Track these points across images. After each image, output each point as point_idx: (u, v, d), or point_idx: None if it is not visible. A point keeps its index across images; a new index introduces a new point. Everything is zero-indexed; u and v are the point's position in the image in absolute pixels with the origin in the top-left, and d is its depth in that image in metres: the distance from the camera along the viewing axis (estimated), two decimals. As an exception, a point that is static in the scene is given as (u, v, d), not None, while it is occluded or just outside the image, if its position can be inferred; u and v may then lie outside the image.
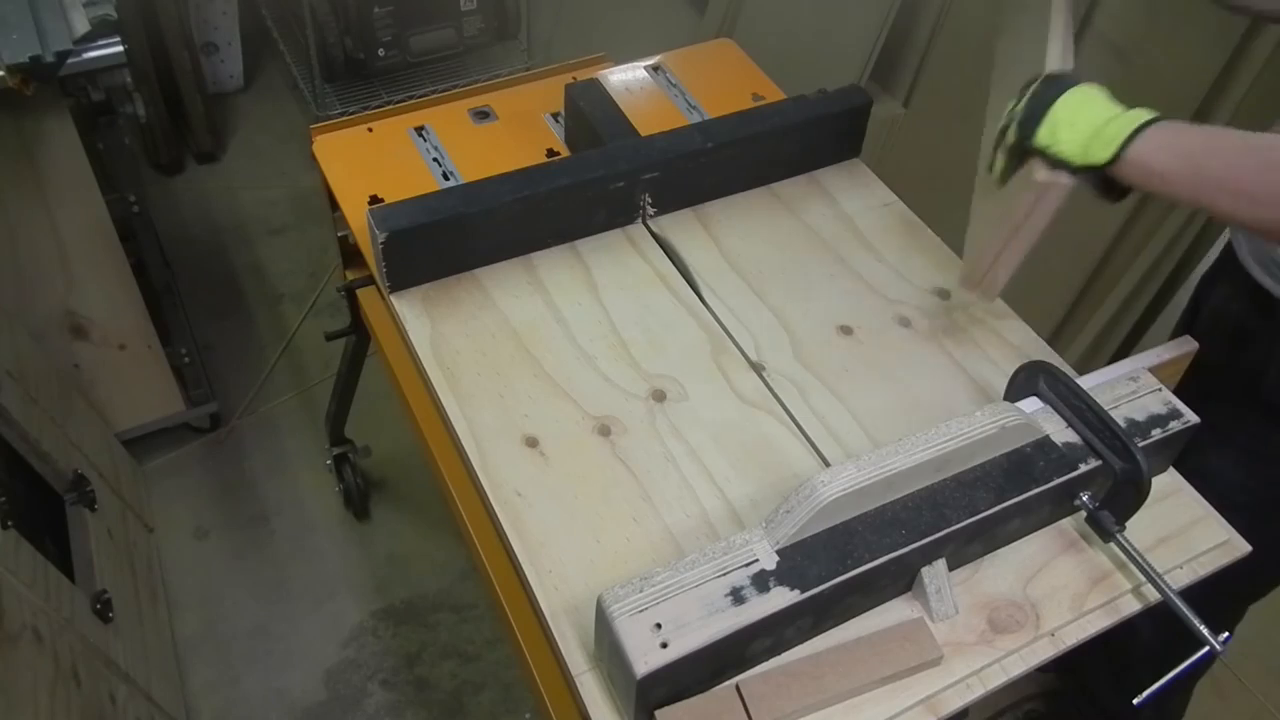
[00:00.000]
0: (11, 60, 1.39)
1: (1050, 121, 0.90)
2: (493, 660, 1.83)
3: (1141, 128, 0.85)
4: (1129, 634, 0.97)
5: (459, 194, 1.18)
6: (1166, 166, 0.84)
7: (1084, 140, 0.88)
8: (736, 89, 1.51)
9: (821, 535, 0.84)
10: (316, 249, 2.54)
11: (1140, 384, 0.99)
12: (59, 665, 1.30)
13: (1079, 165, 0.89)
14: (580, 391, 1.10)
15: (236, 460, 2.11)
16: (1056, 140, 0.90)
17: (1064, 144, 0.89)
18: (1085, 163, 0.88)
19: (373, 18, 2.64)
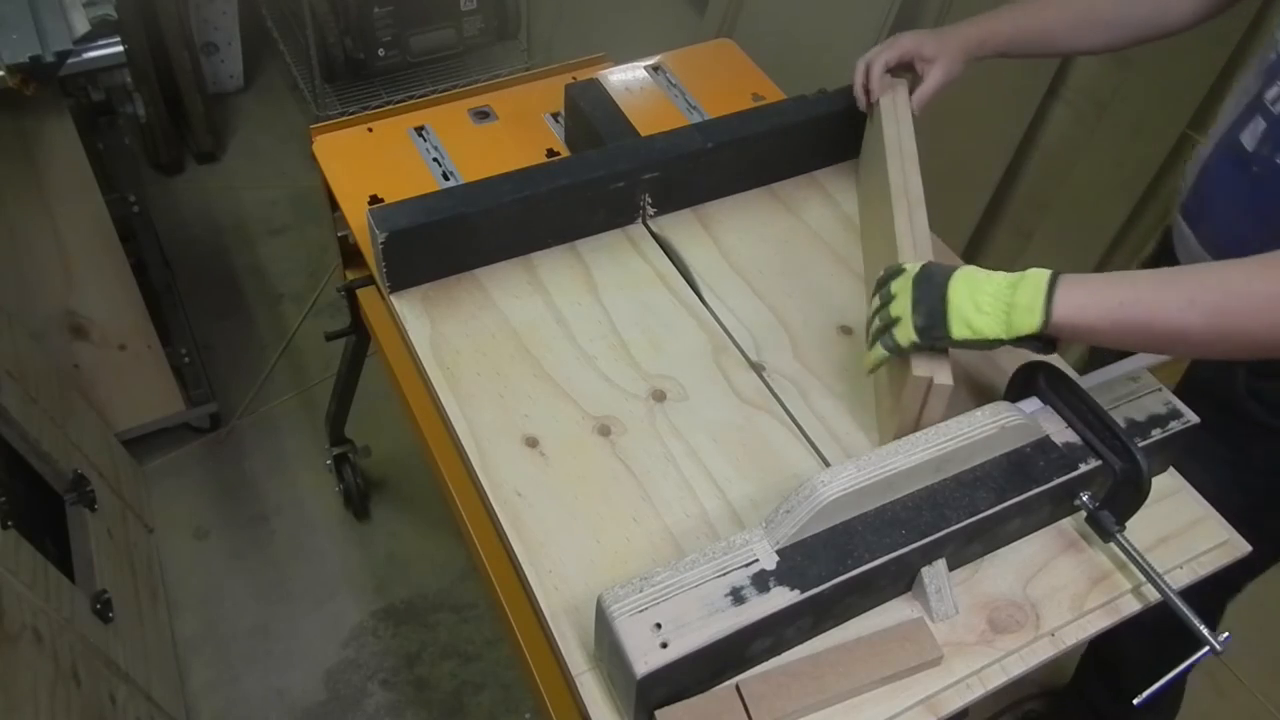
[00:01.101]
0: (11, 60, 1.39)
1: (958, 315, 0.90)
2: (493, 660, 1.83)
3: (1051, 287, 0.86)
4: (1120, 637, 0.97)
5: (459, 194, 1.18)
6: (1093, 324, 0.85)
7: (1003, 318, 0.88)
8: (736, 89, 1.51)
9: (821, 535, 0.84)
10: (316, 249, 2.54)
11: (1140, 384, 0.99)
12: (59, 665, 1.30)
13: (1009, 340, 0.89)
14: (580, 391, 1.10)
15: (236, 460, 2.11)
16: (977, 330, 0.89)
17: (986, 330, 0.89)
18: (1015, 335, 0.88)
19: (373, 18, 2.64)
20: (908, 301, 0.93)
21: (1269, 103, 1.05)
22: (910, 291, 0.93)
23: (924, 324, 0.92)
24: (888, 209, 1.13)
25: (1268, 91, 1.05)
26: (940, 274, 0.93)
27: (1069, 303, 0.85)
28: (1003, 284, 0.89)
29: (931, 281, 0.93)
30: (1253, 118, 1.07)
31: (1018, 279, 0.88)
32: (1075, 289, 0.86)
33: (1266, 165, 1.04)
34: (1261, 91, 1.06)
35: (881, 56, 1.24)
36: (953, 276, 0.92)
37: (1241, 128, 1.08)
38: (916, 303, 0.92)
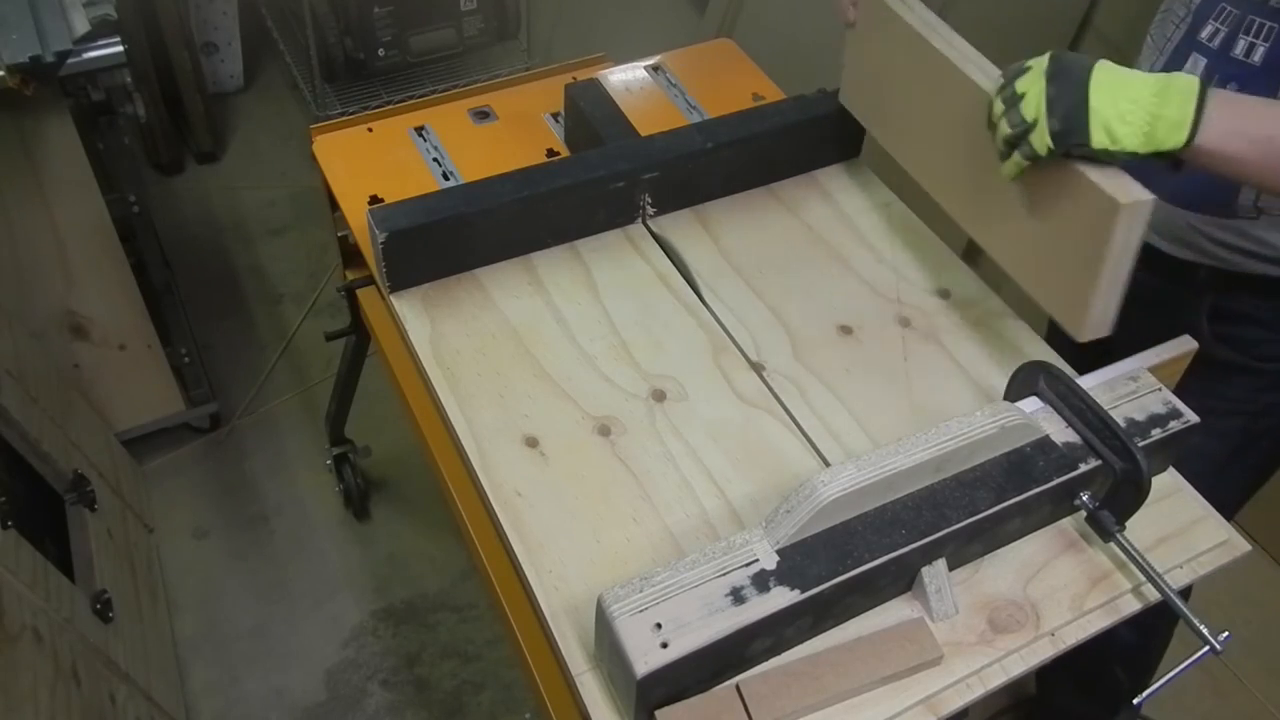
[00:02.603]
0: (11, 60, 1.39)
1: (1099, 121, 0.82)
2: (493, 660, 1.83)
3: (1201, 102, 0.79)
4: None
5: (459, 194, 1.18)
6: (1239, 152, 0.80)
7: (1144, 130, 0.81)
8: (736, 89, 1.51)
9: (821, 535, 0.84)
10: (316, 249, 2.54)
11: (1140, 383, 0.99)
12: (59, 665, 1.30)
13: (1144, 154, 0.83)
14: (580, 391, 1.10)
15: (236, 460, 2.11)
16: (1116, 139, 0.82)
17: (1126, 140, 0.82)
18: (1152, 150, 0.82)
19: (373, 18, 2.64)
20: (1040, 100, 0.84)
21: (1206, 40, 1.06)
22: (1043, 88, 0.84)
23: (1061, 128, 0.84)
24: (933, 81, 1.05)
25: (1199, 32, 1.07)
26: (1078, 68, 0.84)
27: (1220, 126, 0.80)
28: (1148, 90, 0.81)
29: (1069, 76, 0.84)
30: (1188, 57, 1.08)
31: (1164, 84, 0.81)
32: (1227, 110, 0.80)
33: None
34: (1190, 34, 1.08)
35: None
36: (1093, 72, 0.83)
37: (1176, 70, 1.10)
38: (1053, 102, 0.84)
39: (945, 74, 1.05)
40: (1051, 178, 0.93)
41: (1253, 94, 1.03)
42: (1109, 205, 0.86)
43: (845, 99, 1.29)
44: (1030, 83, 0.87)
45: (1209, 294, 1.17)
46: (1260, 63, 1.03)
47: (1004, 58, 1.23)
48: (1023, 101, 0.87)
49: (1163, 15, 1.15)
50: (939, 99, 1.08)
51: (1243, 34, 1.03)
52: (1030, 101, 0.86)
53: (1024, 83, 0.87)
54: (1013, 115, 0.88)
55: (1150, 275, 1.18)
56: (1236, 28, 1.04)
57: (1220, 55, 1.06)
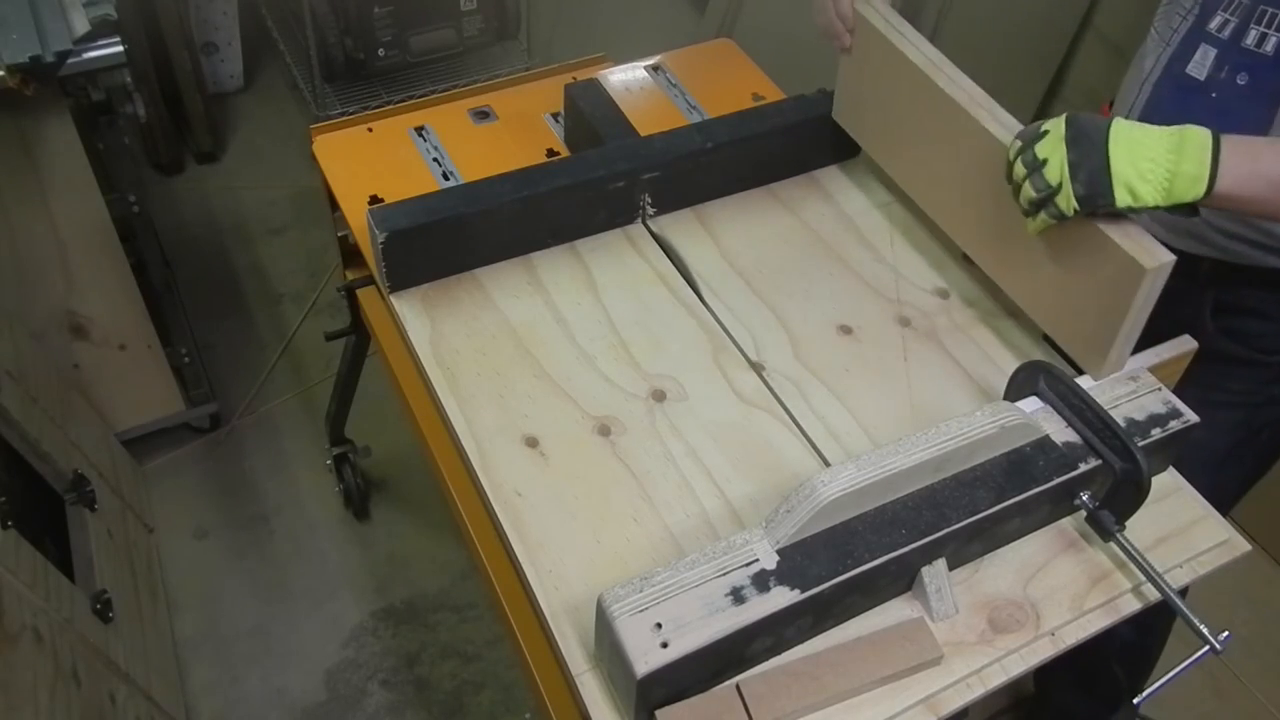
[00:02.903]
0: (11, 60, 1.39)
1: (1121, 182, 0.86)
2: (493, 660, 1.83)
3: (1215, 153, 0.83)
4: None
5: (459, 194, 1.18)
6: (1256, 194, 0.83)
7: (1164, 187, 0.85)
8: (736, 89, 1.51)
9: (821, 535, 0.84)
10: (316, 249, 2.54)
11: (1140, 383, 0.99)
12: (59, 665, 1.30)
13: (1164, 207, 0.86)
14: (580, 391, 1.10)
15: (236, 460, 2.11)
16: (1139, 198, 0.86)
17: (1147, 198, 0.86)
18: (1172, 203, 0.85)
19: (373, 18, 2.64)
20: (1063, 166, 0.87)
21: (1214, 30, 1.07)
22: (1064, 154, 0.87)
23: (1085, 192, 0.86)
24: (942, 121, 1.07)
25: (1208, 23, 1.08)
26: (1096, 132, 0.87)
27: (1235, 173, 0.82)
28: (1163, 147, 0.84)
29: (1090, 141, 0.86)
30: (1196, 48, 1.10)
31: (1178, 141, 0.84)
32: (1241, 157, 0.83)
33: (1228, 88, 1.08)
34: (1198, 25, 1.09)
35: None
36: (1111, 135, 0.86)
37: (1184, 62, 1.11)
38: (1075, 167, 0.87)
39: (954, 117, 1.06)
40: (1073, 234, 0.96)
41: (1265, 83, 1.05)
42: (1134, 268, 0.90)
43: (840, 116, 1.29)
44: (1051, 149, 0.89)
45: (1212, 287, 1.18)
46: (1272, 53, 1.03)
47: (1006, 58, 1.23)
48: (1045, 167, 0.89)
49: (1167, 7, 1.15)
50: (948, 141, 1.09)
51: (1254, 24, 1.03)
52: (1053, 168, 0.89)
53: (1044, 148, 0.90)
54: (1036, 180, 0.90)
55: None
56: (1247, 18, 1.04)
57: (1230, 45, 1.06)
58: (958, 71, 1.08)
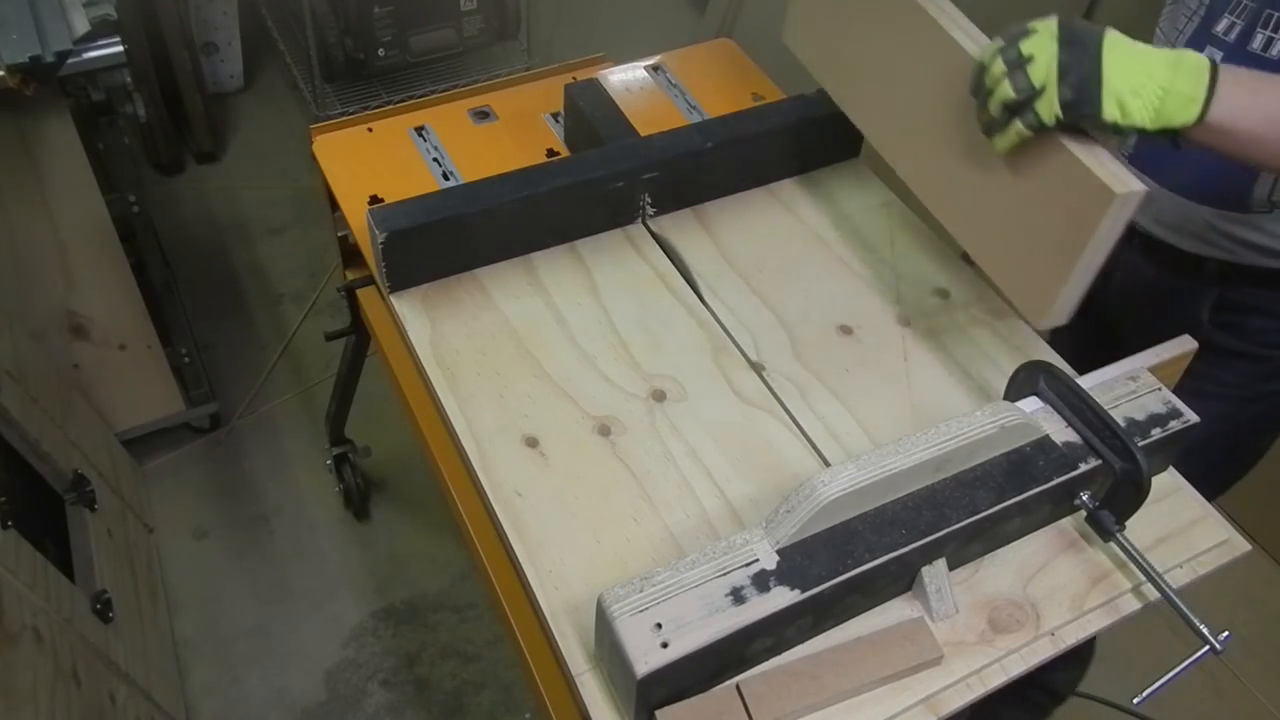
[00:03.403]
0: (11, 60, 1.39)
1: (1111, 92, 0.78)
2: (493, 660, 1.83)
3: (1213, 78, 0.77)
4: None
5: (459, 194, 1.18)
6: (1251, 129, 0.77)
7: (1156, 104, 0.78)
8: (736, 89, 1.51)
9: (822, 535, 0.84)
10: (316, 249, 2.54)
11: (1140, 383, 0.99)
12: (59, 665, 1.30)
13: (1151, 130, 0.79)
14: (580, 391, 1.10)
15: (236, 460, 2.11)
16: (1127, 113, 0.79)
17: (1136, 114, 0.79)
18: (1160, 126, 0.79)
19: (373, 18, 2.64)
20: (1052, 65, 0.80)
21: (1221, 33, 1.05)
22: (1054, 54, 0.80)
23: (1072, 98, 0.79)
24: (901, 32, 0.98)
25: (1215, 25, 1.06)
26: (1091, 37, 0.80)
27: (1231, 101, 0.76)
28: (1162, 63, 0.78)
29: (1083, 45, 0.80)
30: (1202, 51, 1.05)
31: (1176, 59, 0.79)
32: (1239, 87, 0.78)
33: None
34: (1203, 28, 1.07)
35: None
36: (1105, 42, 0.80)
37: None
38: (1065, 69, 0.79)
39: (920, 30, 0.97)
40: (1038, 157, 0.88)
41: None
42: (1102, 193, 0.82)
43: (790, 38, 1.18)
44: (1039, 46, 0.82)
45: (1215, 286, 1.17)
46: (1277, 57, 1.02)
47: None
48: (1030, 65, 0.82)
49: (1173, 7, 1.13)
50: (909, 57, 1.01)
51: (1260, 27, 1.02)
52: (1039, 66, 0.81)
53: (1031, 45, 0.82)
54: (1018, 78, 0.82)
55: (1153, 266, 1.19)
56: (1254, 21, 1.02)
57: (1236, 49, 1.04)
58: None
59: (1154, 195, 1.13)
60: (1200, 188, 1.12)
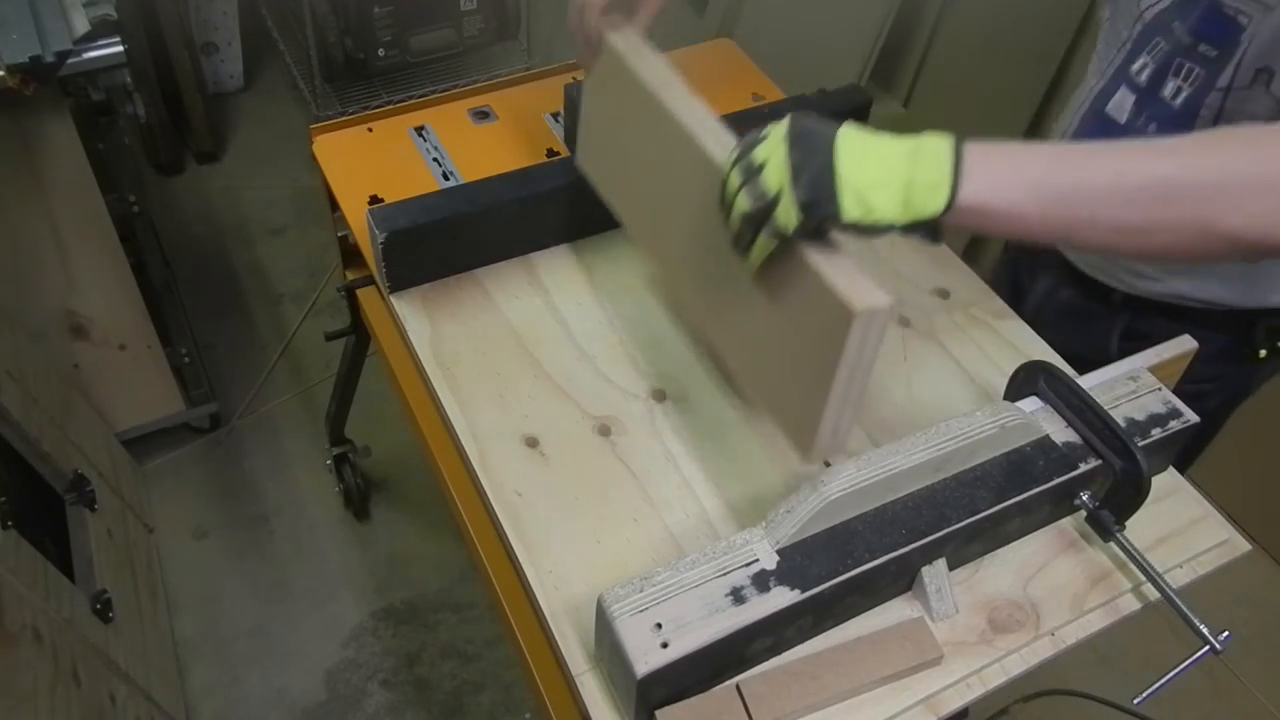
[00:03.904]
0: (11, 60, 1.39)
1: (850, 188, 0.71)
2: (493, 660, 1.83)
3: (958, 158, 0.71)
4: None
5: (459, 194, 1.18)
6: (1014, 204, 0.70)
7: (901, 196, 0.71)
8: (736, 89, 1.51)
9: (822, 535, 0.84)
10: (316, 249, 2.54)
11: (1140, 383, 0.99)
12: (59, 665, 1.30)
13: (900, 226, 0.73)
14: (580, 391, 1.10)
15: (236, 460, 2.11)
16: (871, 209, 0.72)
17: (882, 209, 0.72)
18: (911, 219, 0.72)
19: (373, 18, 2.64)
20: (784, 168, 0.72)
21: (1134, 74, 1.05)
22: (785, 154, 0.73)
23: (809, 198, 0.72)
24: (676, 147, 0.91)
25: (1132, 64, 1.05)
26: (823, 133, 0.73)
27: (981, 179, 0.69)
28: (900, 152, 0.72)
29: (815, 142, 0.73)
30: (1117, 89, 1.08)
31: (914, 146, 0.72)
32: (987, 162, 0.70)
33: (1140, 136, 1.06)
34: (1124, 65, 1.06)
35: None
36: (839, 135, 0.73)
37: (1107, 99, 1.10)
38: (797, 170, 0.72)
39: (678, 142, 0.90)
40: (788, 274, 0.80)
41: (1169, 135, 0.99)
42: (842, 312, 0.74)
43: (582, 161, 1.14)
44: (771, 150, 0.74)
45: (1123, 314, 1.18)
46: (1180, 107, 1.01)
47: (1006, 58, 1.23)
48: (764, 172, 0.74)
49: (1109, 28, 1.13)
50: (671, 171, 0.94)
51: (1172, 75, 1.02)
52: (772, 170, 0.74)
53: (764, 150, 0.75)
54: (753, 188, 0.75)
55: (1068, 288, 1.22)
56: (1165, 66, 1.03)
57: (1147, 93, 1.05)
58: (692, 95, 0.94)
59: None
60: None
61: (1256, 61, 0.95)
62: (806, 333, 0.80)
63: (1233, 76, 0.97)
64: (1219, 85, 0.98)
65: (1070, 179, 0.70)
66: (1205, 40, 0.99)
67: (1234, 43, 0.96)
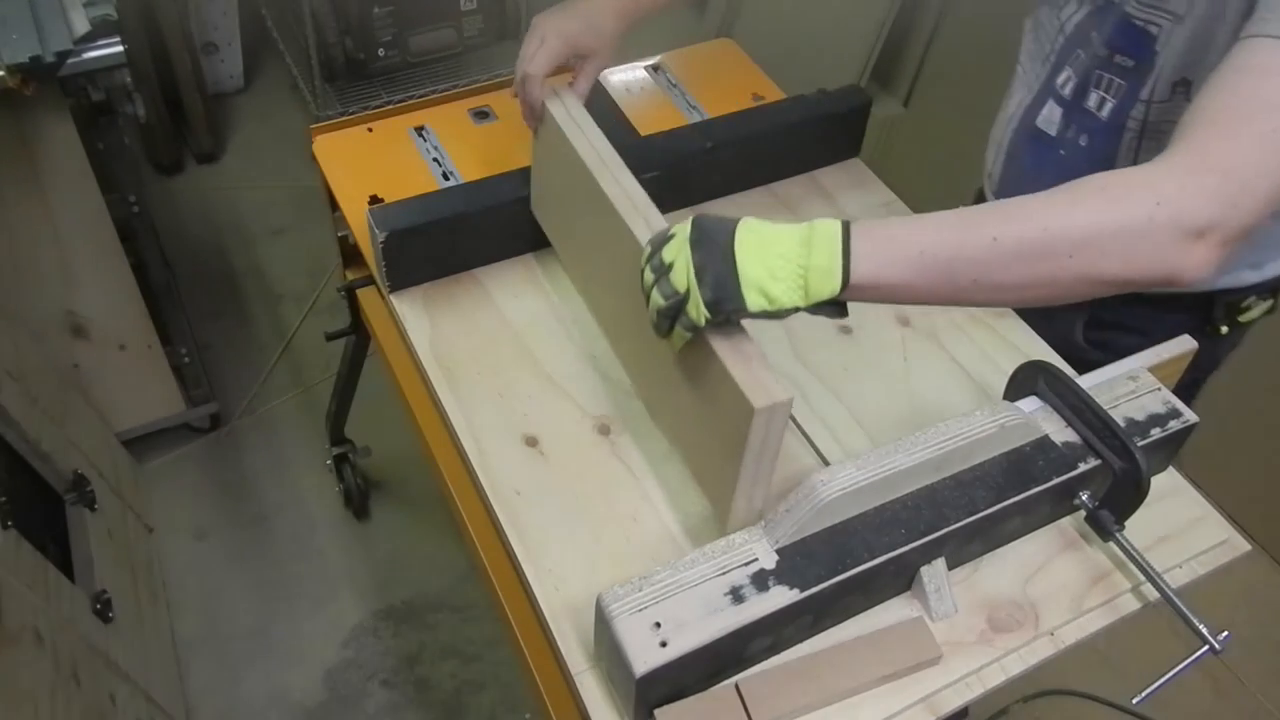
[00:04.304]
0: (11, 60, 1.39)
1: (750, 283, 0.77)
2: (493, 660, 1.83)
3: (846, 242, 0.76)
4: None
5: (459, 194, 1.18)
6: (899, 278, 0.76)
7: (800, 283, 0.77)
8: (736, 89, 1.51)
9: (821, 534, 0.84)
10: (316, 249, 2.54)
11: (1139, 383, 0.99)
12: (59, 665, 1.30)
13: (806, 307, 0.79)
14: (580, 391, 1.10)
15: (236, 460, 2.12)
16: (774, 299, 0.77)
17: (784, 298, 0.77)
18: (813, 302, 0.77)
19: (373, 18, 2.64)
20: (688, 269, 0.78)
21: (1059, 87, 1.07)
22: (689, 257, 0.79)
23: (713, 296, 0.78)
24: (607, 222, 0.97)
25: (1057, 77, 1.07)
26: (721, 232, 0.79)
27: (869, 261, 0.75)
28: (794, 242, 0.77)
29: (713, 242, 0.78)
30: (1045, 103, 1.10)
31: (807, 234, 0.77)
32: (871, 243, 0.75)
33: (1073, 148, 1.08)
34: (1050, 78, 1.09)
35: (538, 67, 1.06)
36: (736, 234, 0.78)
37: (1036, 112, 1.12)
38: (701, 271, 0.78)
39: (610, 219, 0.96)
40: (702, 361, 0.86)
41: (1100, 147, 1.05)
42: (745, 405, 0.81)
43: (535, 209, 1.19)
44: (676, 250, 0.80)
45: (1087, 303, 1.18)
46: (1107, 118, 1.03)
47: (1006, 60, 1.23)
48: (672, 271, 0.80)
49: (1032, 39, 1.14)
50: (605, 244, 1.00)
51: (1093, 87, 1.04)
52: (679, 271, 0.79)
53: (670, 251, 0.81)
54: (664, 286, 0.81)
55: None
56: (1086, 79, 1.05)
57: (1073, 105, 1.07)
58: (627, 173, 0.99)
59: None
60: None
61: (1174, 75, 0.96)
62: (718, 416, 0.86)
63: (1153, 89, 0.98)
64: (1141, 97, 1.00)
65: (949, 251, 0.75)
66: (1120, 52, 1.01)
67: (1149, 53, 0.98)
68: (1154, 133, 1.01)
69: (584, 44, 1.08)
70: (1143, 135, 1.01)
